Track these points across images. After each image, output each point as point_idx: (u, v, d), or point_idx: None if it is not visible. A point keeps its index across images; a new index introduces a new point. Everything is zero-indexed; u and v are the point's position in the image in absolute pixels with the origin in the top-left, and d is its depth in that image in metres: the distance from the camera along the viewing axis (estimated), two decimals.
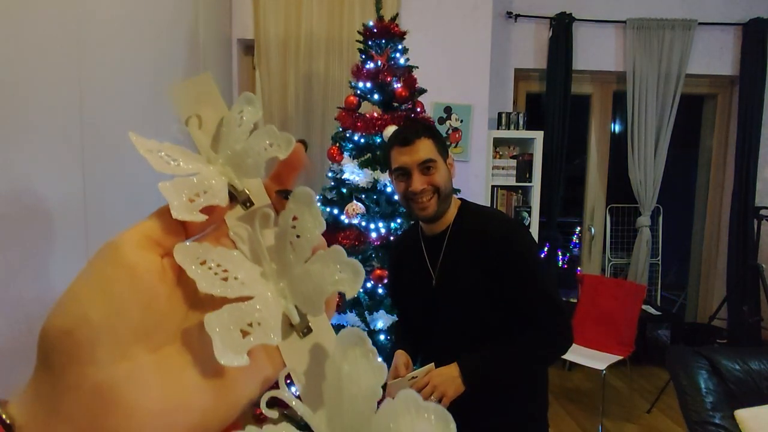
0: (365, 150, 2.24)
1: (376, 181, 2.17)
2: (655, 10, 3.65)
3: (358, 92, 2.31)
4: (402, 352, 1.36)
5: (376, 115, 2.22)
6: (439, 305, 1.33)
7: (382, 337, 2.12)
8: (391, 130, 2.07)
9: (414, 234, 1.45)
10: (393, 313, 2.12)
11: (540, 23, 3.68)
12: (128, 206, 1.73)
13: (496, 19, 3.41)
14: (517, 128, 3.50)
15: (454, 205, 1.36)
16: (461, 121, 3.29)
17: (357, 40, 2.40)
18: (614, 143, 3.98)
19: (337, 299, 0.28)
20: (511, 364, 1.24)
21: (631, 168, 3.75)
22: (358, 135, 2.24)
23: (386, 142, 1.45)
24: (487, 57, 3.28)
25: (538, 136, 3.46)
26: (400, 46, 2.32)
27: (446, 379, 1.21)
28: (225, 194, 0.25)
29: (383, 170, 2.16)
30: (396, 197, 2.09)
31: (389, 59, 2.29)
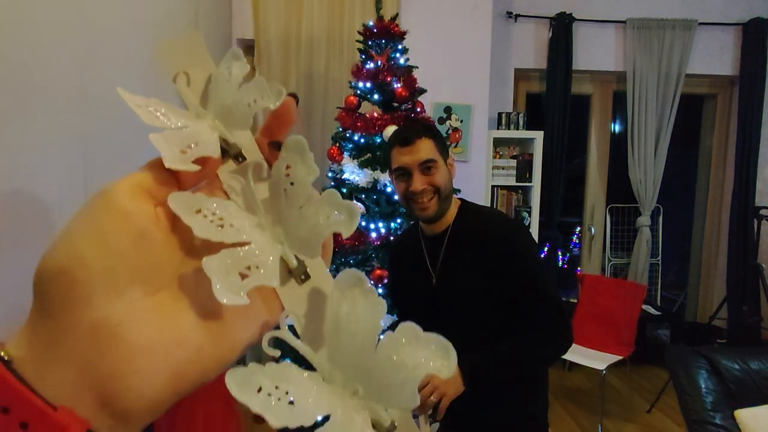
0: (365, 150, 2.24)
1: (376, 181, 2.17)
2: (655, 10, 3.65)
3: (358, 92, 2.31)
4: None
5: (376, 115, 2.22)
6: (439, 305, 1.33)
7: (381, 338, 2.12)
8: (391, 130, 2.07)
9: (414, 234, 1.45)
10: (393, 313, 2.12)
11: (540, 23, 3.68)
12: None
13: (496, 19, 3.41)
14: (517, 128, 3.50)
15: (454, 205, 1.36)
16: (461, 121, 3.29)
17: (357, 40, 2.40)
18: (614, 143, 3.98)
19: (332, 245, 0.28)
20: (511, 364, 1.24)
21: (631, 168, 3.76)
22: (358, 135, 2.24)
23: (386, 142, 1.45)
24: (487, 57, 3.28)
25: (538, 136, 3.46)
26: (400, 46, 2.32)
27: (446, 379, 1.21)
28: (217, 146, 0.25)
29: (383, 170, 2.16)
30: (396, 197, 2.09)
31: (389, 59, 2.29)
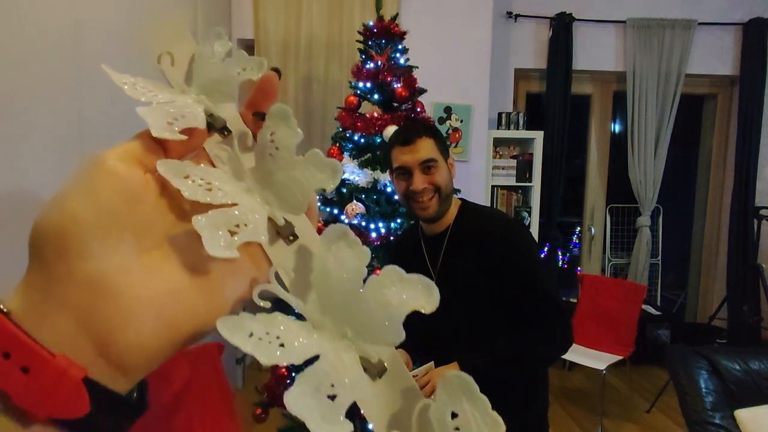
0: (365, 150, 2.24)
1: (376, 181, 2.17)
2: (655, 10, 3.65)
3: (358, 92, 2.31)
4: (401, 351, 1.35)
5: (376, 115, 2.22)
6: (440, 305, 1.33)
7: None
8: (391, 130, 2.06)
9: (414, 234, 1.45)
10: None
11: (540, 23, 3.68)
12: None
13: (496, 19, 3.41)
14: (517, 128, 3.50)
15: (455, 205, 1.36)
16: (461, 121, 3.29)
17: (357, 40, 2.40)
18: (614, 143, 3.98)
19: (317, 207, 0.29)
20: (511, 364, 1.24)
21: (631, 168, 3.75)
22: (358, 135, 2.24)
23: (387, 142, 1.45)
24: (487, 57, 3.28)
25: (538, 136, 3.46)
26: (400, 46, 2.32)
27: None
28: (202, 118, 0.26)
29: (383, 170, 2.16)
30: (396, 197, 2.09)
31: (389, 59, 2.29)
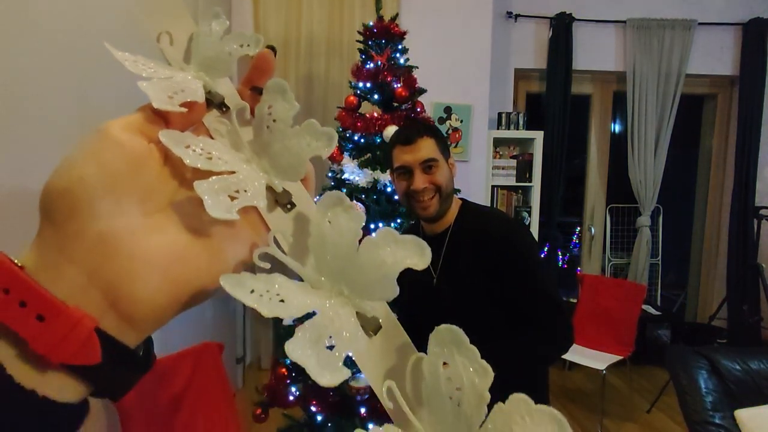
0: (365, 150, 2.24)
1: (376, 181, 2.17)
2: (655, 10, 3.65)
3: (358, 92, 2.31)
4: None
5: (376, 115, 2.22)
6: (440, 305, 1.33)
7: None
8: (391, 130, 2.07)
9: (414, 233, 1.45)
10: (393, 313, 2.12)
11: (540, 23, 3.68)
12: None
13: (496, 19, 3.41)
14: (517, 128, 3.50)
15: (455, 204, 1.36)
16: (461, 121, 3.29)
17: (357, 40, 2.40)
18: (614, 143, 3.98)
19: (314, 177, 0.30)
20: (511, 363, 1.24)
21: (631, 168, 3.75)
22: (358, 135, 2.24)
23: (387, 142, 1.45)
24: (487, 57, 3.28)
25: (538, 136, 3.46)
26: (400, 46, 2.32)
27: None
28: (201, 92, 0.27)
29: (383, 170, 2.16)
30: (396, 197, 2.09)
31: (389, 59, 2.29)
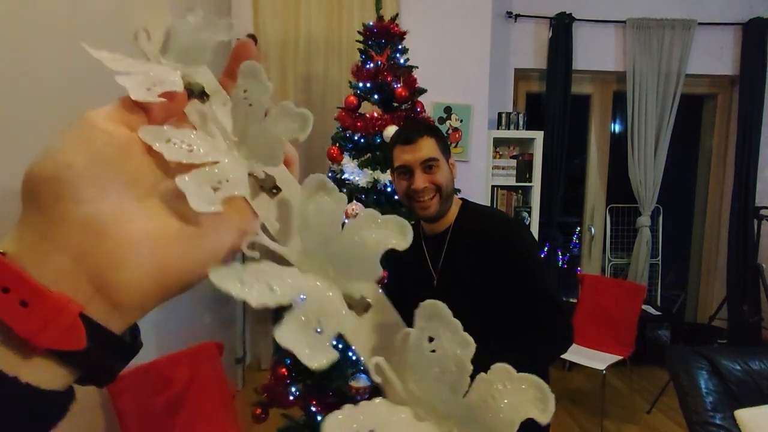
0: (365, 150, 2.24)
1: (376, 181, 2.17)
2: (655, 10, 3.65)
3: (358, 92, 2.31)
4: None
5: (376, 115, 2.22)
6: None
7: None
8: (391, 130, 2.06)
9: (415, 233, 1.44)
10: None
11: (540, 23, 3.68)
12: None
13: (496, 19, 3.41)
14: (517, 128, 3.49)
15: (455, 204, 1.36)
16: (461, 121, 3.29)
17: (357, 40, 2.40)
18: (614, 143, 3.97)
19: (298, 159, 0.30)
20: (511, 363, 1.24)
21: (631, 168, 3.75)
22: (358, 135, 2.24)
23: (388, 142, 1.45)
24: (487, 57, 3.28)
25: (538, 136, 3.46)
26: (400, 46, 2.32)
27: None
28: (180, 82, 0.27)
29: (383, 170, 2.16)
30: (396, 197, 2.08)
31: (389, 59, 2.29)
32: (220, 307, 2.99)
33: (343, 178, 2.24)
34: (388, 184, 2.14)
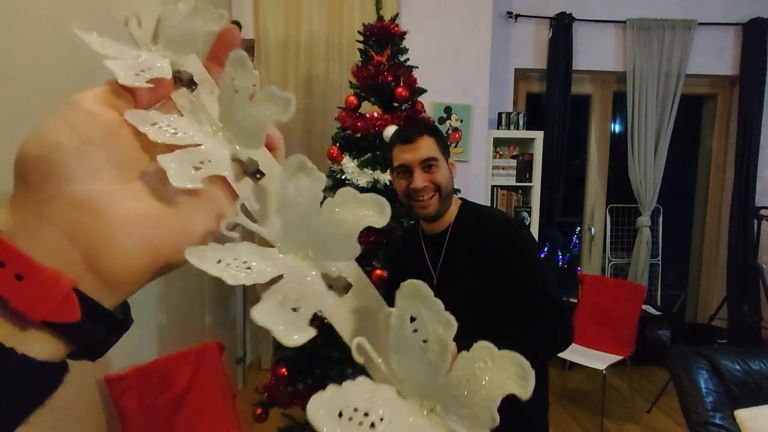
0: (365, 150, 2.24)
1: (376, 181, 2.17)
2: (655, 10, 3.65)
3: (358, 92, 2.31)
4: None
5: (376, 115, 2.22)
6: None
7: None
8: (391, 130, 2.07)
9: (414, 233, 1.45)
10: None
11: (540, 23, 3.68)
12: None
13: (496, 19, 3.41)
14: (517, 128, 3.50)
15: (455, 204, 1.36)
16: (461, 121, 3.29)
17: (357, 40, 2.40)
18: (614, 143, 3.98)
19: (283, 144, 0.31)
20: None
21: (631, 168, 3.75)
22: (358, 135, 2.24)
23: (388, 141, 1.45)
24: (487, 57, 3.28)
25: (538, 136, 3.46)
26: (400, 46, 2.32)
27: None
28: (168, 69, 0.28)
29: (383, 170, 2.16)
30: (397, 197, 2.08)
31: (389, 59, 2.29)
32: (221, 308, 2.99)
33: (343, 178, 2.24)
34: (388, 184, 2.14)
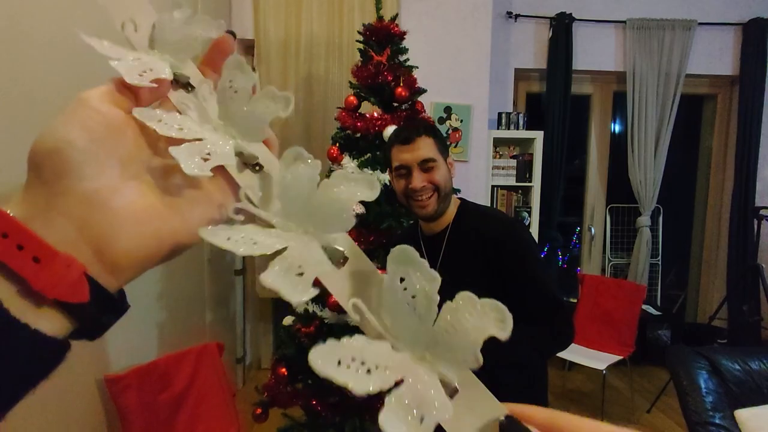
0: (365, 150, 2.24)
1: None
2: (655, 10, 3.65)
3: (358, 92, 2.31)
4: None
5: (376, 115, 2.22)
6: (440, 304, 1.33)
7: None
8: (391, 130, 2.06)
9: (413, 233, 1.45)
10: None
11: (540, 23, 3.68)
12: None
13: (496, 19, 3.41)
14: (517, 128, 3.50)
15: (454, 204, 1.36)
16: (461, 121, 3.29)
17: (357, 41, 2.40)
18: (614, 143, 3.97)
19: (277, 143, 0.34)
20: (511, 359, 1.24)
21: (631, 168, 3.75)
22: (358, 135, 2.24)
23: (387, 142, 1.45)
24: (487, 57, 3.28)
25: (538, 136, 3.46)
26: (400, 46, 2.32)
27: None
28: (169, 70, 0.30)
29: (383, 170, 2.16)
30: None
31: (389, 59, 2.29)
32: (221, 307, 2.99)
33: None
34: (388, 184, 2.14)
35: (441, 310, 0.26)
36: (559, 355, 2.47)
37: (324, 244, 0.29)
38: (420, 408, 0.24)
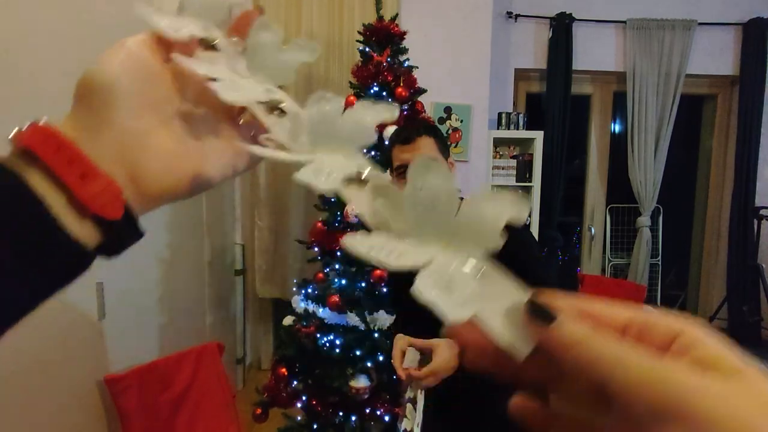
0: (365, 150, 2.24)
1: None
2: (655, 10, 3.65)
3: (358, 92, 2.31)
4: (402, 335, 1.32)
5: None
6: None
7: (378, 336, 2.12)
8: (391, 130, 2.06)
9: None
10: (394, 313, 2.12)
11: (540, 23, 3.68)
12: None
13: (496, 19, 3.41)
14: (517, 128, 3.50)
15: None
16: (461, 121, 3.29)
17: (357, 40, 2.40)
18: (614, 143, 3.97)
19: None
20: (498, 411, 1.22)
21: (631, 168, 3.75)
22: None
23: (387, 142, 1.45)
24: (487, 57, 3.28)
25: (538, 136, 3.46)
26: (400, 46, 2.32)
27: (441, 361, 1.18)
28: (200, 29, 0.33)
29: (383, 170, 2.16)
30: None
31: (389, 59, 2.29)
32: (221, 308, 3.00)
33: None
34: None
35: (462, 203, 0.27)
36: None
37: (345, 159, 0.32)
38: (450, 283, 0.25)
